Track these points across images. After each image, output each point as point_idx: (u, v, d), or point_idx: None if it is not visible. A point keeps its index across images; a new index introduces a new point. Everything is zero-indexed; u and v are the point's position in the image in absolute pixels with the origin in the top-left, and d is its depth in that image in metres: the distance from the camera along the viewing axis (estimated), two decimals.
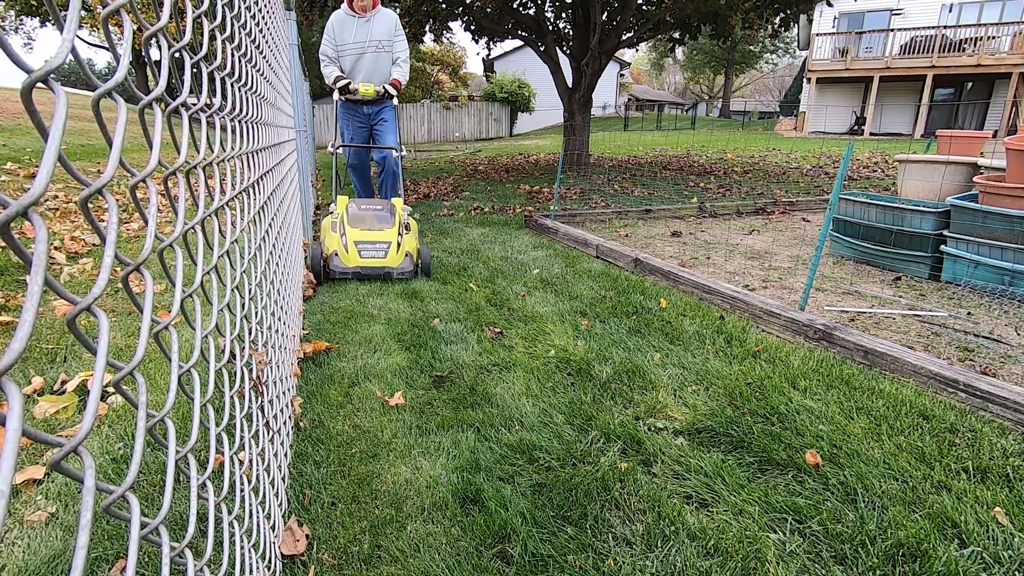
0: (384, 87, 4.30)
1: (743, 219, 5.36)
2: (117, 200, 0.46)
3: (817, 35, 19.65)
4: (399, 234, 3.38)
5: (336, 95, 4.34)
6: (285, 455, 1.45)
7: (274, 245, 1.66)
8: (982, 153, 4.45)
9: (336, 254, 3.27)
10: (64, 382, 1.85)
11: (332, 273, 3.21)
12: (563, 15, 10.04)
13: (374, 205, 3.59)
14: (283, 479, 1.38)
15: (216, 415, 0.77)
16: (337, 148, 4.10)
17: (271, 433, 1.23)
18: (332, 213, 3.65)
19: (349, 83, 4.26)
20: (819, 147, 13.49)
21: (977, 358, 2.24)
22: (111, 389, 1.47)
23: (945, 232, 3.16)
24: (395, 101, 4.44)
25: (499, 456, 1.58)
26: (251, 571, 0.86)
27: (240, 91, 1.13)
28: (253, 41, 1.41)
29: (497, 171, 9.55)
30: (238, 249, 1.03)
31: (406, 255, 3.35)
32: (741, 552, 1.23)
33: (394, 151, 4.30)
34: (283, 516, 1.29)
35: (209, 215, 0.79)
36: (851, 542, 1.26)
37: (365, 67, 4.39)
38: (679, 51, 33.81)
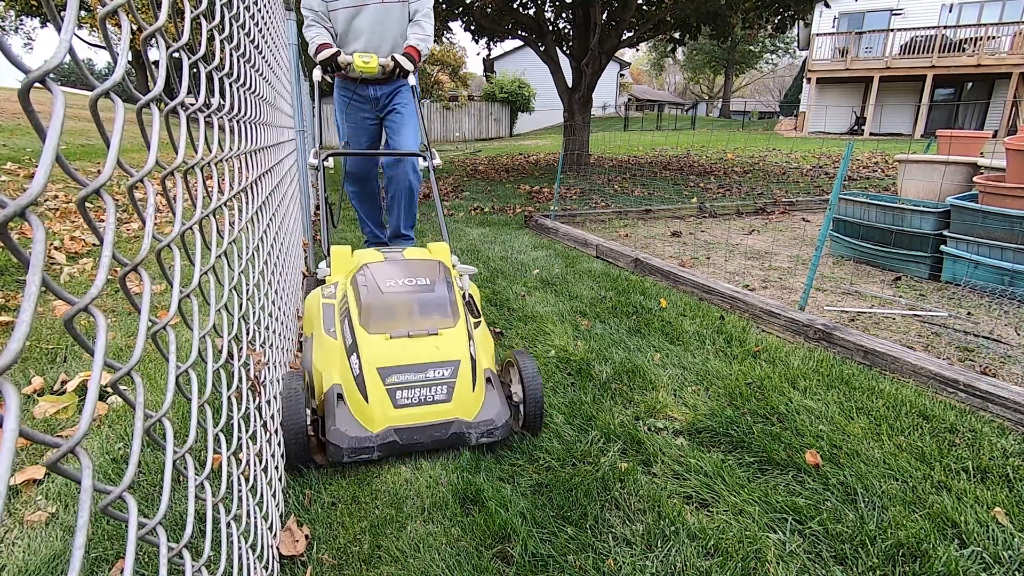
0: (394, 59, 2.81)
1: (743, 219, 5.36)
2: (116, 200, 0.46)
3: (817, 35, 19.66)
4: (468, 336, 1.67)
5: (317, 72, 2.78)
6: (283, 455, 1.45)
7: (272, 245, 1.66)
8: (982, 153, 4.45)
9: (340, 396, 1.51)
10: (64, 382, 1.85)
11: (336, 453, 1.42)
12: (563, 15, 10.04)
13: (409, 272, 1.80)
14: (280, 479, 1.38)
15: (214, 415, 0.77)
16: (325, 158, 2.44)
17: (268, 433, 1.23)
18: (322, 281, 2.08)
19: (337, 53, 2.73)
20: (819, 147, 13.49)
21: (977, 358, 2.23)
22: (110, 389, 1.47)
23: (945, 232, 3.16)
24: (412, 80, 2.96)
25: (499, 455, 1.58)
26: (249, 571, 0.86)
27: (238, 91, 1.13)
28: (252, 41, 1.41)
29: (497, 171, 9.55)
30: (236, 249, 1.03)
31: (488, 383, 1.63)
32: (741, 552, 1.23)
33: (420, 157, 2.76)
34: (281, 516, 1.29)
35: (207, 215, 0.79)
36: (851, 542, 1.26)
37: (366, 30, 2.90)
38: (679, 51, 33.85)
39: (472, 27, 9.87)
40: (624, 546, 1.26)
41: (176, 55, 0.70)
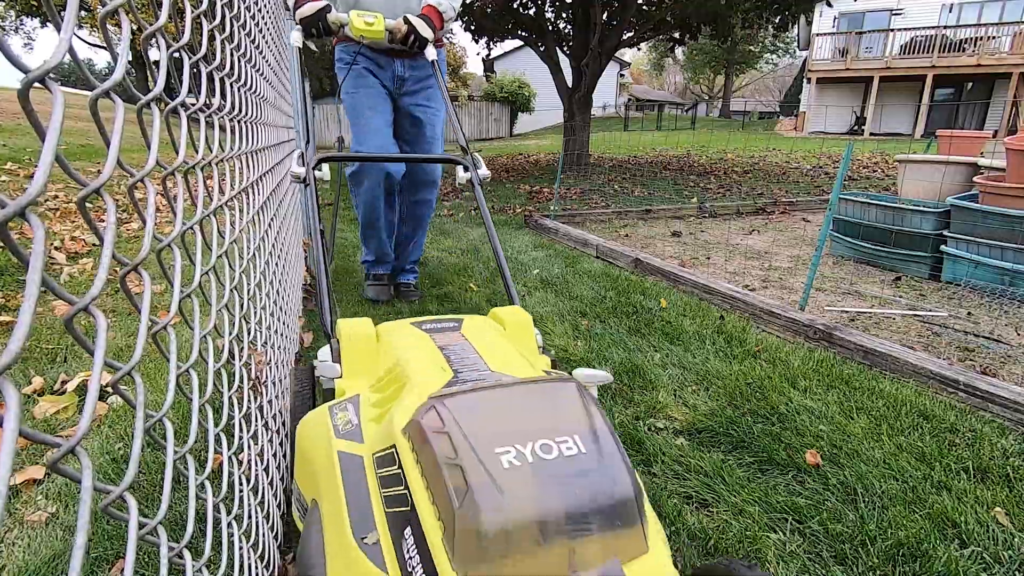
0: (407, 20, 2.07)
1: (743, 219, 5.36)
2: (116, 200, 0.46)
3: (817, 35, 19.67)
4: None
5: (297, 36, 2.03)
6: (284, 455, 1.45)
7: (273, 245, 1.66)
8: (982, 153, 4.45)
9: None
10: (64, 382, 1.85)
11: None
12: (563, 15, 10.04)
13: (531, 414, 0.77)
14: (282, 479, 1.38)
15: (215, 415, 0.77)
16: (316, 164, 1.61)
17: (270, 433, 1.23)
18: (329, 391, 1.11)
19: (326, 9, 2.01)
20: (819, 147, 13.49)
21: (977, 358, 2.23)
22: (110, 389, 1.47)
23: (945, 232, 3.16)
24: (432, 53, 2.11)
25: None
26: (250, 571, 0.86)
27: (239, 91, 1.13)
28: (252, 41, 1.41)
29: (497, 171, 9.55)
30: (237, 249, 1.03)
31: None
32: (741, 552, 1.23)
33: (460, 166, 1.81)
34: (282, 516, 1.29)
35: (208, 215, 0.79)
36: (851, 542, 1.26)
37: None
38: (679, 51, 33.84)
39: (472, 27, 9.86)
40: None
41: (176, 55, 0.70)
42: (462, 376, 0.94)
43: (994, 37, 17.00)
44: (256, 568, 0.90)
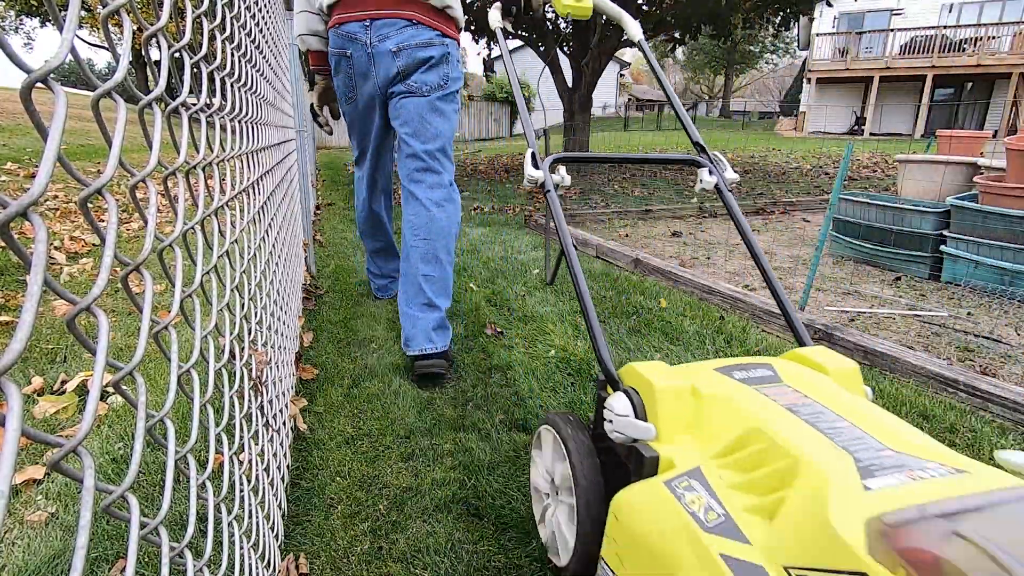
0: None
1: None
2: (117, 200, 0.46)
3: (817, 35, 19.68)
4: None
5: (495, 17, 1.73)
6: (284, 455, 1.45)
7: (274, 245, 1.66)
8: (982, 153, 4.45)
9: None
10: (64, 382, 1.85)
11: None
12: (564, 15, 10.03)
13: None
14: (283, 479, 1.38)
15: (216, 415, 0.77)
16: (553, 166, 1.37)
17: (271, 433, 1.23)
18: (643, 458, 0.86)
19: None
20: (819, 147, 13.49)
21: (977, 358, 2.23)
22: (111, 389, 1.47)
23: (945, 232, 3.16)
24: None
25: (501, 455, 1.58)
26: (250, 571, 0.86)
27: (240, 91, 1.13)
28: (253, 41, 1.41)
29: (497, 171, 9.55)
30: (238, 249, 1.03)
31: None
32: None
33: (706, 171, 1.49)
34: (282, 516, 1.29)
35: (209, 215, 0.79)
36: None
37: None
38: (679, 51, 33.86)
39: (472, 27, 9.86)
40: None
41: (177, 55, 0.70)
42: (864, 458, 0.68)
43: (994, 37, 17.01)
44: (256, 568, 0.90)
